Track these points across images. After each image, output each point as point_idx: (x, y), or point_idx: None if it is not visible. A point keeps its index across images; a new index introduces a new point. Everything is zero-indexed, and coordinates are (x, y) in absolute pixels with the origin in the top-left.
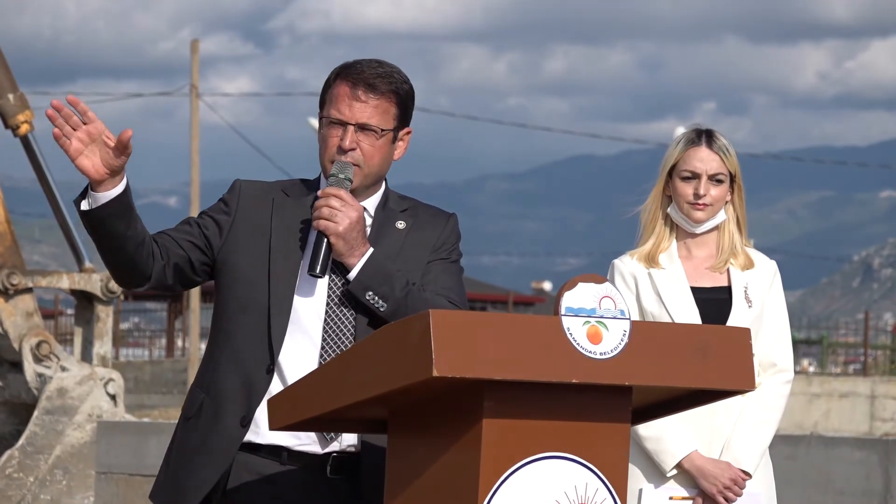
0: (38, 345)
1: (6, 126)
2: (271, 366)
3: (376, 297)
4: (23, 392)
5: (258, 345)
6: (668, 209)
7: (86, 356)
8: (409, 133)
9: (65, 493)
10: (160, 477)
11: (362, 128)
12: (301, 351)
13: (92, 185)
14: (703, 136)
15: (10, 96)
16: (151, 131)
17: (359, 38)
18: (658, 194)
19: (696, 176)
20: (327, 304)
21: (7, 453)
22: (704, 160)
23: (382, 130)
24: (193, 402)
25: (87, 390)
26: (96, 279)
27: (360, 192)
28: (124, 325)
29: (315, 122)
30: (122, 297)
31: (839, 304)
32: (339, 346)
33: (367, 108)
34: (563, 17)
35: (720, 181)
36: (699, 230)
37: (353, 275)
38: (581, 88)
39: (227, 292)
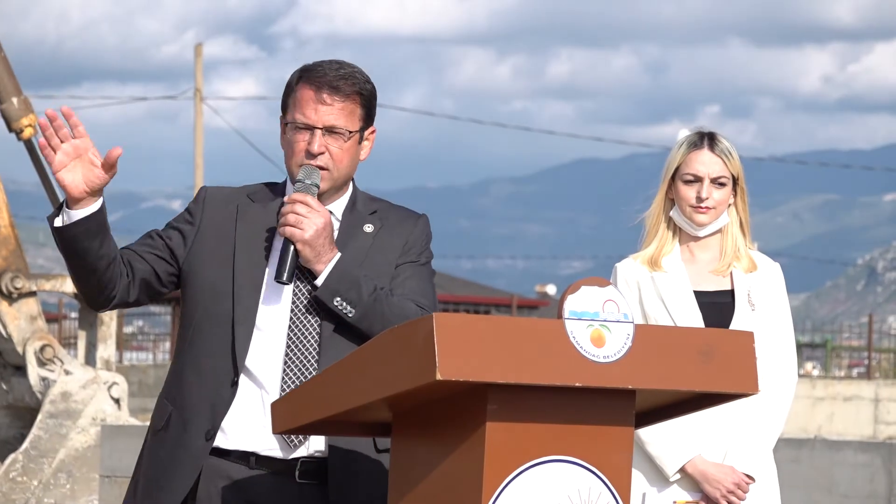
0: (42, 348)
1: (10, 130)
2: (236, 378)
3: (344, 303)
4: (27, 396)
5: (223, 357)
6: (671, 212)
7: (89, 360)
8: (373, 132)
9: (68, 497)
10: (130, 489)
11: (329, 131)
12: (266, 361)
13: (68, 202)
14: (706, 139)
15: (14, 100)
16: (155, 135)
17: (362, 41)
18: (661, 198)
19: (698, 179)
20: (292, 311)
21: (11, 457)
22: (706, 163)
23: (350, 132)
24: (162, 413)
25: (90, 394)
26: None
27: (328, 196)
28: (128, 329)
29: None
30: None
31: (843, 308)
32: (303, 354)
33: (333, 111)
34: (566, 20)
35: (722, 184)
36: (702, 233)
37: (320, 281)
38: (585, 92)
39: (192, 302)
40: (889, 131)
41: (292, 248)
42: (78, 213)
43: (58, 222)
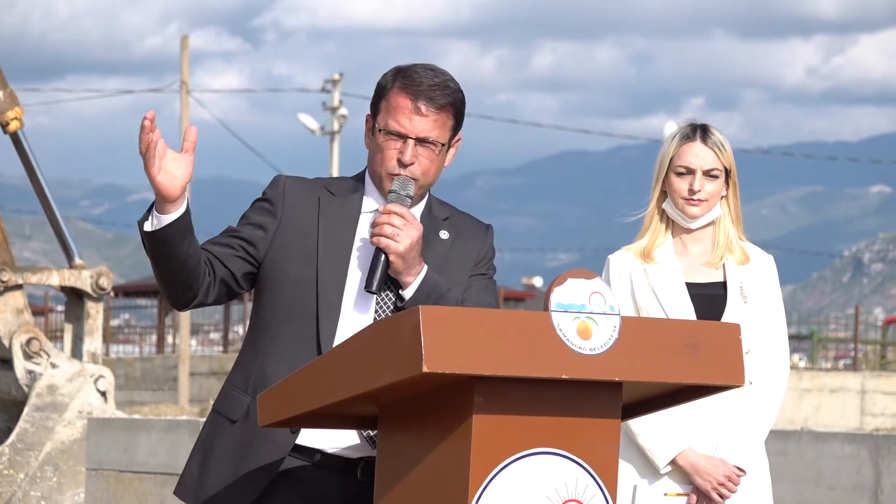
0: (29, 342)
1: None
2: None
3: None
4: (13, 389)
5: (307, 350)
6: (664, 204)
7: (76, 353)
8: (459, 140)
9: (55, 490)
10: (193, 478)
11: (422, 141)
12: None
13: (158, 206)
14: (698, 131)
15: (0, 93)
16: (140, 127)
17: (346, 34)
18: (656, 190)
19: (690, 171)
20: (375, 316)
21: None
22: (699, 155)
23: (442, 145)
24: (238, 404)
25: (77, 387)
26: (86, 276)
27: (411, 203)
28: (114, 322)
29: (305, 119)
30: (112, 293)
31: (829, 300)
32: None
33: (428, 122)
34: (550, 12)
35: (715, 176)
36: (694, 226)
37: (408, 294)
38: (570, 84)
39: (273, 295)
40: (874, 123)
41: (383, 258)
42: (168, 217)
43: (148, 227)
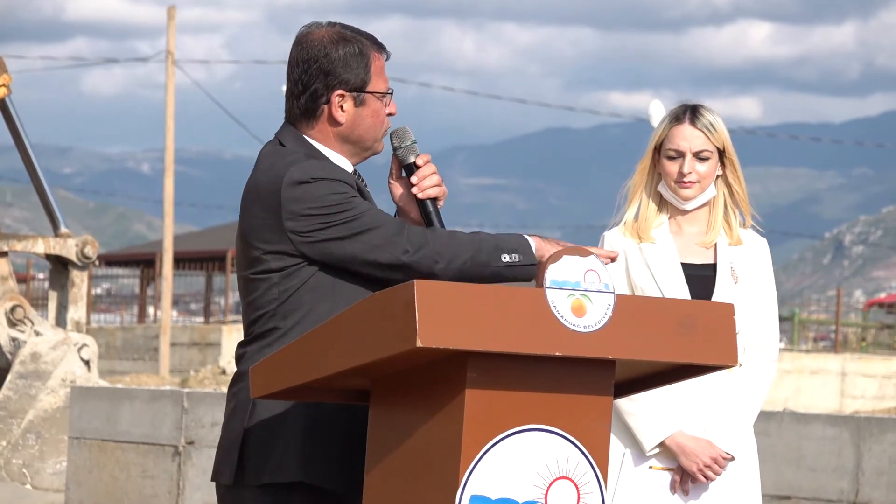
0: (13, 309)
1: None
2: None
3: None
4: None
5: None
6: (659, 186)
7: (60, 321)
8: None
9: (37, 458)
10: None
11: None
12: None
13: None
14: (688, 113)
15: None
16: (126, 96)
17: (338, 10)
18: (644, 170)
19: (680, 154)
20: None
21: None
22: (687, 138)
23: None
24: None
25: (60, 355)
26: (72, 244)
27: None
28: (95, 291)
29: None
30: (95, 262)
31: (810, 281)
32: None
33: None
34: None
35: (705, 158)
36: (689, 207)
37: None
38: (554, 61)
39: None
40: (857, 106)
41: (432, 206)
42: None
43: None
